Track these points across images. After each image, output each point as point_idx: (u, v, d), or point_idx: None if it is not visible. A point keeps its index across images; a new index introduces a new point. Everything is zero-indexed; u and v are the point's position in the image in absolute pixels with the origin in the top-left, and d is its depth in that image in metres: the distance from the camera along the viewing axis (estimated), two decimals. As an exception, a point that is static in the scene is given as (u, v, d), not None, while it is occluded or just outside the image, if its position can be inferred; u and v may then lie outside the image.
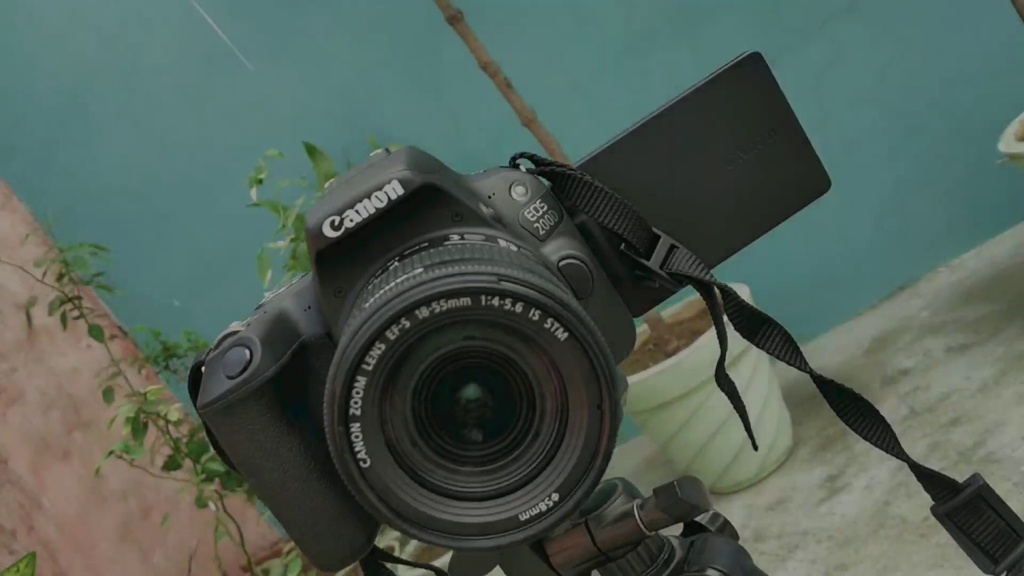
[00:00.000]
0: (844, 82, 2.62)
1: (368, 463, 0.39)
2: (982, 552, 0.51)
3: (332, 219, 0.42)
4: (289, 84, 2.86)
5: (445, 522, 0.40)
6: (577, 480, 0.41)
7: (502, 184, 0.47)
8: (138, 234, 2.96)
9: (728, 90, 0.50)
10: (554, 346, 0.39)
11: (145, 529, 2.82)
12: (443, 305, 0.38)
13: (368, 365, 0.39)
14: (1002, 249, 2.58)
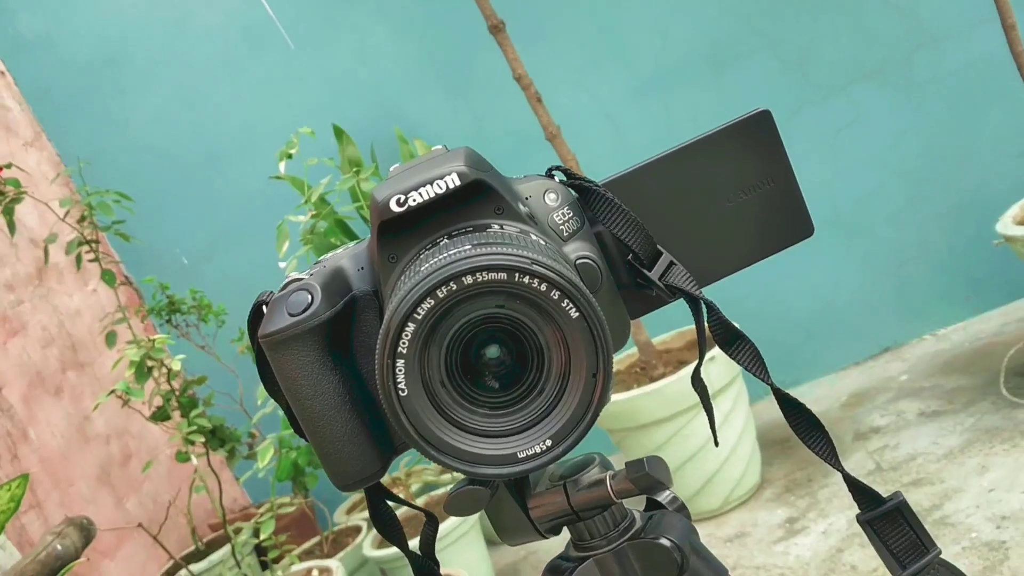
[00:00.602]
0: (859, 143, 2.71)
1: (406, 393, 0.47)
2: (893, 558, 0.59)
3: (398, 197, 0.50)
4: (326, 68, 2.94)
5: (459, 449, 0.48)
6: (568, 432, 0.49)
7: (538, 189, 0.56)
8: (158, 190, 3.03)
9: (737, 139, 0.58)
10: (566, 322, 0.47)
11: (123, 475, 2.88)
12: (484, 276, 0.47)
13: (418, 315, 0.47)
14: (988, 326, 2.66)
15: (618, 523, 0.61)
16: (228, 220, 3.11)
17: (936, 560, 0.59)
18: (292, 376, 0.53)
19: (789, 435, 2.64)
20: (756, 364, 0.58)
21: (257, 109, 3.01)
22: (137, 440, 3.01)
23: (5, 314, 2.72)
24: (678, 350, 2.49)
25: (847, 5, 2.64)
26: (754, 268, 0.61)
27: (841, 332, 2.85)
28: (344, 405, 0.53)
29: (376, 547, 2.47)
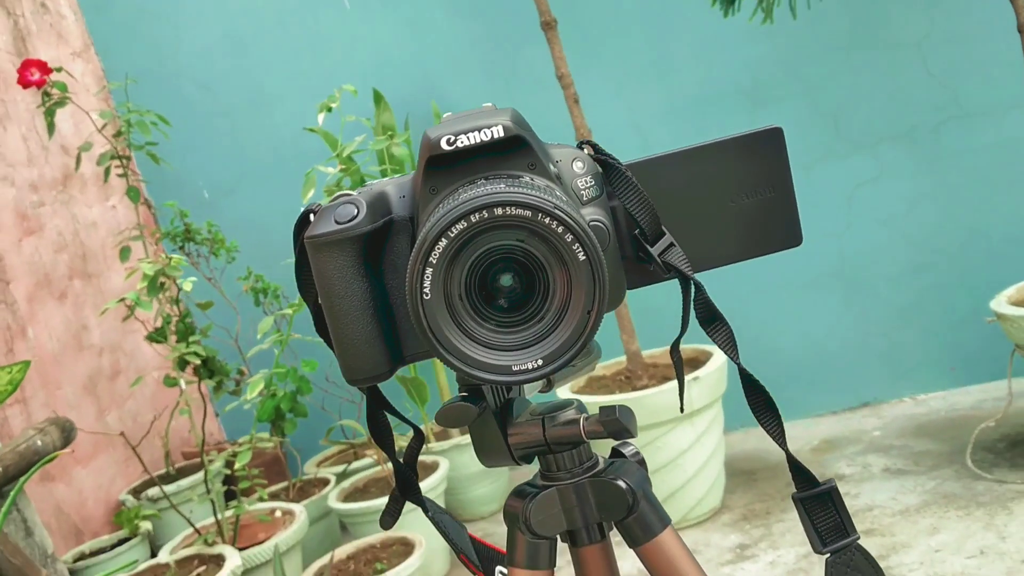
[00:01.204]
0: (876, 201, 2.78)
1: (428, 297, 0.54)
2: (817, 536, 0.66)
3: (449, 137, 0.57)
4: (376, 33, 3.01)
5: (464, 353, 0.55)
6: (558, 356, 0.56)
7: (568, 156, 0.63)
8: (193, 122, 3.10)
9: (749, 148, 0.65)
10: (574, 263, 0.54)
11: (109, 388, 2.95)
12: (513, 211, 0.54)
13: (451, 233, 0.54)
14: (966, 399, 2.73)
15: (583, 461, 0.68)
16: (255, 163, 3.18)
17: (854, 544, 0.66)
18: (328, 276, 0.60)
19: (756, 468, 2.70)
20: (729, 344, 0.65)
21: (302, 62, 3.08)
22: (129, 358, 3.08)
23: (25, 213, 2.79)
24: (665, 366, 2.55)
25: (889, 67, 2.70)
26: (753, 303, 0.67)
27: (825, 379, 2.92)
28: (367, 309, 0.60)
29: (341, 500, 2.54)
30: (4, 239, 2.68)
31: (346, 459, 2.96)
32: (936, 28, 2.65)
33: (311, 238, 0.61)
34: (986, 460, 2.32)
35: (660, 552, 0.67)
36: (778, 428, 0.66)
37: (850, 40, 2.72)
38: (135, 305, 1.88)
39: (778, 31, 2.53)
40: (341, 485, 2.66)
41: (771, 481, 2.55)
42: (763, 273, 2.87)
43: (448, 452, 2.73)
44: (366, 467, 2.80)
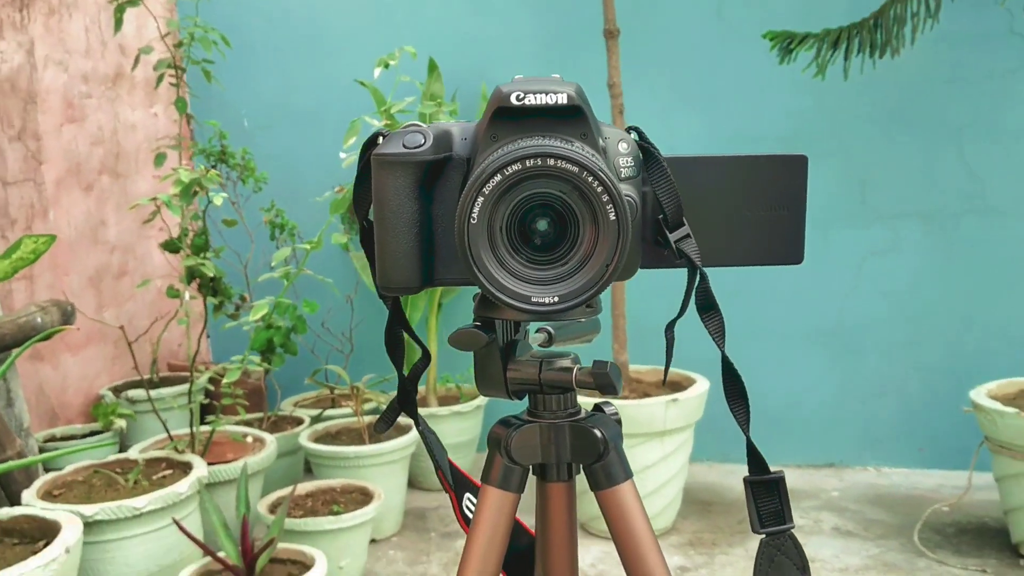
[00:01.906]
0: (884, 272, 2.85)
1: (475, 222, 0.61)
2: (758, 517, 0.73)
3: (518, 94, 0.65)
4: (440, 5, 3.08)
5: (492, 276, 0.62)
6: (572, 298, 0.63)
7: (616, 136, 0.69)
8: (249, 50, 3.17)
9: (774, 167, 0.72)
10: (604, 220, 0.61)
11: (112, 287, 3.02)
12: (562, 164, 0.61)
13: (506, 171, 0.61)
14: (927, 481, 2.80)
15: (568, 407, 0.75)
16: (299, 104, 3.25)
17: (788, 532, 0.73)
18: (385, 191, 0.67)
19: (713, 501, 2.76)
20: (719, 333, 0.71)
21: (366, 19, 3.15)
22: (138, 262, 3.15)
23: (72, 101, 2.85)
24: (647, 383, 2.62)
25: (926, 146, 2.77)
26: (747, 346, 0.74)
27: (797, 433, 2.98)
28: (413, 228, 0.67)
29: (311, 440, 2.60)
30: (47, 121, 2.74)
31: (324, 405, 3.03)
32: (980, 119, 2.72)
33: (379, 155, 0.68)
34: (932, 540, 2.39)
35: (618, 500, 0.74)
36: (745, 416, 0.73)
37: (894, 113, 2.79)
38: (165, 206, 1.94)
39: (827, 89, 2.60)
40: (314, 427, 2.72)
41: (724, 516, 2.62)
42: (763, 318, 2.94)
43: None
44: (341, 416, 2.87)
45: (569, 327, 0.79)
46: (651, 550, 0.73)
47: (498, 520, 0.73)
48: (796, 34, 2.31)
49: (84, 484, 2.10)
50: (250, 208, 2.84)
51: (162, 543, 1.98)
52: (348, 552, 2.18)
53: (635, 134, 0.71)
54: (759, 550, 0.74)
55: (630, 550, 0.73)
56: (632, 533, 0.73)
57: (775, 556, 0.73)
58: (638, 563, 0.73)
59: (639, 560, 0.73)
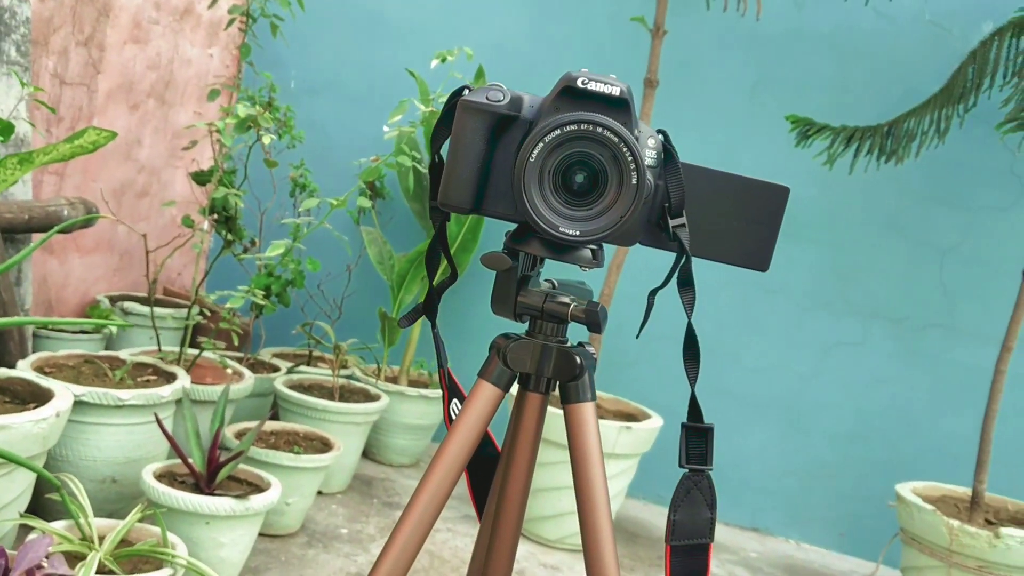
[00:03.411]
0: (847, 363, 3.03)
1: (532, 160, 0.78)
2: (685, 457, 0.89)
3: (584, 79, 0.82)
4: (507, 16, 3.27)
5: (535, 204, 0.79)
6: (591, 234, 0.80)
7: (647, 132, 0.87)
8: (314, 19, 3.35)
9: (759, 190, 0.89)
10: (628, 182, 0.79)
11: (133, 203, 3.17)
12: (605, 133, 0.78)
13: (565, 129, 0.78)
14: (840, 564, 2.97)
15: (559, 335, 0.92)
16: (347, 79, 3.42)
17: (706, 473, 0.89)
18: (464, 129, 0.84)
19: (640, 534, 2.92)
20: (690, 305, 0.88)
21: (429, 14, 3.34)
22: (161, 186, 3.30)
23: (140, 23, 3.02)
24: (605, 410, 2.79)
25: (911, 258, 2.97)
26: (706, 397, 0.91)
27: (731, 493, 3.15)
28: (476, 163, 0.84)
29: (286, 386, 2.75)
30: (113, 36, 2.91)
31: (301, 361, 3.18)
32: (964, 245, 2.92)
33: (465, 101, 0.85)
34: (832, 613, 2.55)
35: (579, 416, 0.90)
36: (694, 375, 0.90)
37: (890, 221, 2.99)
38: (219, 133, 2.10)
39: (832, 185, 2.79)
40: (289, 376, 2.87)
41: (648, 549, 2.77)
42: (727, 379, 3.12)
43: (392, 395, 2.95)
44: (316, 373, 3.01)
45: (568, 287, 0.95)
46: (596, 461, 0.89)
47: (484, 408, 0.90)
48: (816, 123, 2.50)
49: (74, 369, 2.24)
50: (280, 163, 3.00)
51: (134, 438, 2.12)
52: (298, 492, 2.32)
53: (662, 136, 0.88)
54: (680, 482, 0.90)
55: (580, 457, 0.89)
56: (585, 443, 0.89)
57: (691, 489, 0.89)
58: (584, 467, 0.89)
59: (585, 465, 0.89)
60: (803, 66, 3.05)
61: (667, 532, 0.89)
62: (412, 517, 0.87)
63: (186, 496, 1.89)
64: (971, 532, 2.27)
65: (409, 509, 0.88)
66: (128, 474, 2.11)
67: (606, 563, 0.87)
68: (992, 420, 2.43)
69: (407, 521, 0.87)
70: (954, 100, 2.40)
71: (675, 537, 0.88)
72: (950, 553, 2.30)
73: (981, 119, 2.61)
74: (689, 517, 0.89)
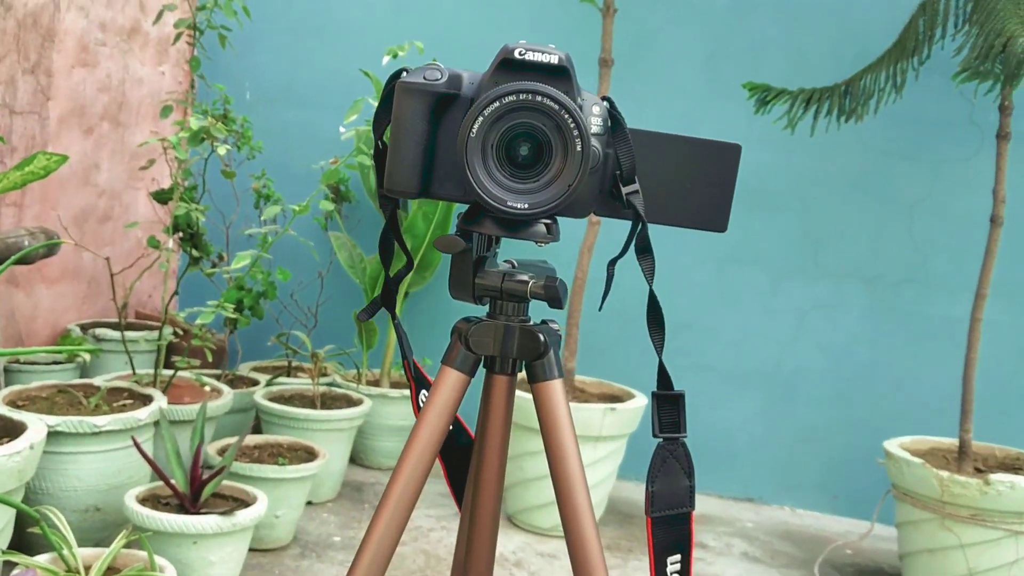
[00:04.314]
0: (823, 327, 3.04)
1: (473, 135, 0.76)
2: (659, 425, 0.88)
3: (520, 49, 0.80)
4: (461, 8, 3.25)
5: (480, 179, 0.77)
6: (539, 205, 0.78)
7: (591, 100, 0.85)
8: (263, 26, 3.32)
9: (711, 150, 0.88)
10: (572, 151, 0.77)
11: (96, 229, 3.13)
12: (546, 100, 0.76)
13: (504, 100, 0.76)
14: (836, 526, 2.97)
15: (520, 315, 0.90)
16: (302, 85, 3.39)
17: (681, 440, 0.88)
18: (403, 112, 0.82)
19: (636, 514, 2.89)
20: (650, 273, 0.87)
21: (378, 13, 3.31)
22: (123, 209, 3.26)
23: (87, 46, 2.98)
24: (590, 393, 2.78)
25: (880, 216, 2.98)
26: (691, 378, 0.89)
27: (723, 466, 3.15)
28: (419, 145, 0.82)
29: (266, 399, 2.72)
30: (60, 61, 2.86)
31: (280, 373, 3.15)
32: (932, 197, 2.93)
33: (403, 82, 0.84)
34: (830, 575, 2.55)
35: (548, 394, 0.88)
36: (660, 342, 0.88)
37: (856, 181, 2.99)
38: (172, 148, 2.07)
39: (794, 149, 2.79)
40: (269, 388, 2.85)
41: (643, 529, 2.76)
42: (707, 355, 3.11)
43: (375, 398, 2.93)
44: (296, 383, 2.99)
45: (528, 266, 0.94)
46: (569, 439, 0.87)
47: (451, 396, 0.88)
48: (773, 88, 2.50)
49: (47, 400, 2.21)
50: (241, 174, 2.96)
51: (114, 464, 2.09)
52: (286, 503, 2.30)
53: (607, 103, 0.87)
54: (655, 452, 0.89)
55: (553, 436, 0.88)
56: (556, 421, 0.88)
57: (667, 459, 0.88)
58: (557, 447, 0.87)
59: (559, 445, 0.87)
60: (756, 34, 3.05)
61: (646, 504, 0.88)
62: (384, 514, 0.85)
63: (171, 517, 1.86)
64: (961, 482, 2.28)
65: (381, 506, 0.86)
66: (111, 501, 2.08)
67: (588, 541, 0.86)
68: (972, 368, 2.43)
69: (380, 518, 0.85)
70: (908, 54, 2.40)
71: (655, 508, 0.87)
72: (942, 504, 2.31)
73: (936, 71, 2.61)
74: (667, 487, 0.88)
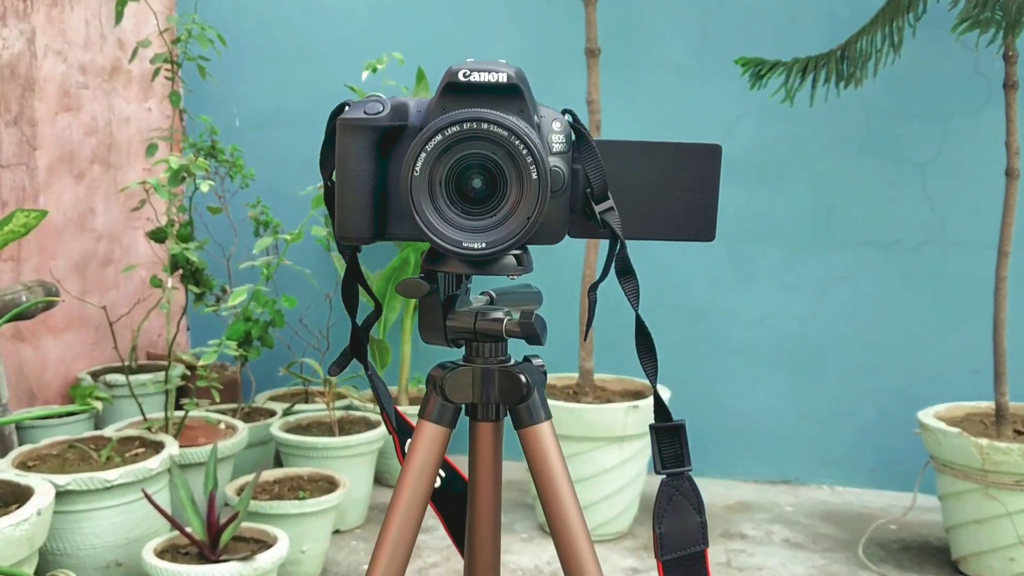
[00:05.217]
0: (845, 298, 2.95)
1: (417, 174, 0.70)
2: (660, 459, 0.81)
3: (465, 71, 0.74)
4: (436, 18, 3.18)
5: (430, 221, 0.71)
6: (498, 244, 0.71)
7: (550, 115, 0.78)
8: (245, 52, 3.27)
9: (691, 153, 0.81)
10: (528, 180, 0.70)
11: (97, 274, 3.09)
12: (494, 128, 0.70)
13: (447, 132, 0.70)
14: (877, 500, 2.89)
15: (499, 355, 0.84)
16: (290, 107, 3.34)
17: (687, 473, 0.82)
18: (346, 152, 0.76)
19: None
20: (634, 296, 0.80)
21: (360, 26, 3.25)
22: (123, 251, 3.22)
23: (69, 90, 2.94)
24: (612, 392, 2.71)
25: (892, 178, 2.88)
26: (714, 362, 0.83)
27: (756, 449, 3.07)
28: (368, 185, 0.76)
29: (282, 431, 2.68)
30: (43, 109, 2.82)
31: (297, 400, 3.10)
32: (943, 155, 2.84)
33: (343, 120, 0.77)
34: (877, 555, 2.48)
35: (537, 437, 0.82)
36: (653, 371, 0.82)
37: (863, 145, 2.90)
38: (155, 191, 2.02)
39: (797, 119, 2.70)
40: (286, 418, 2.80)
41: (679, 523, 2.69)
42: (729, 337, 3.04)
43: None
44: (313, 410, 2.94)
45: (510, 295, 0.87)
46: (564, 485, 0.81)
47: (431, 451, 0.82)
48: (767, 61, 2.42)
49: (58, 458, 2.17)
50: (236, 204, 2.92)
51: (130, 517, 2.05)
52: (310, 537, 2.25)
53: (569, 116, 0.80)
54: (659, 490, 0.83)
55: (546, 483, 0.82)
56: (548, 468, 0.82)
57: (673, 495, 0.81)
58: (552, 495, 0.81)
59: (553, 493, 0.81)
60: (746, 4, 2.96)
61: (655, 547, 0.81)
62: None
63: (190, 569, 1.81)
64: (1002, 448, 2.19)
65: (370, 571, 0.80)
66: (132, 555, 2.04)
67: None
68: (1002, 329, 2.34)
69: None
70: (903, 10, 2.32)
71: (665, 551, 0.81)
72: (984, 473, 2.23)
73: (935, 23, 2.51)
74: (677, 526, 0.81)
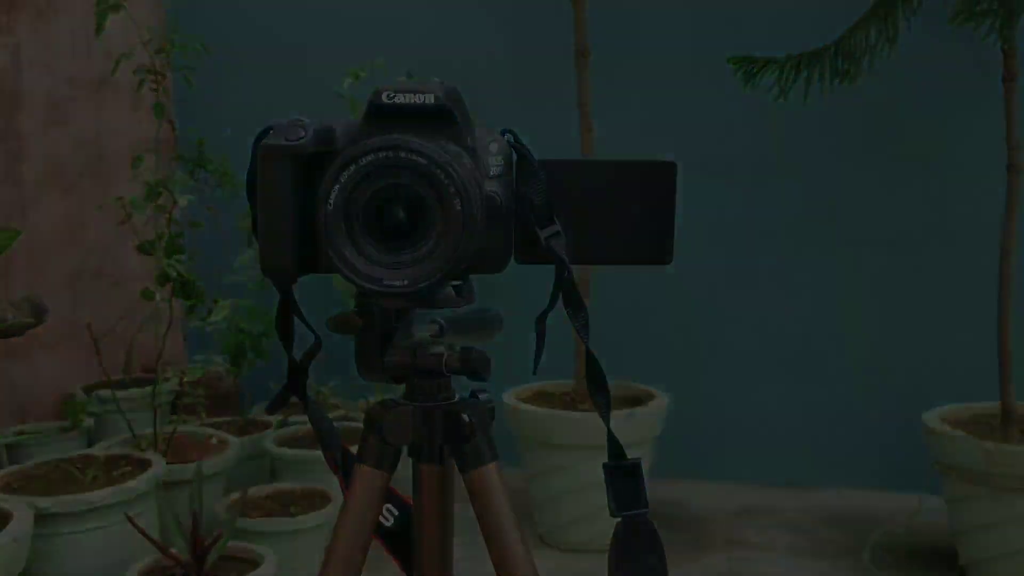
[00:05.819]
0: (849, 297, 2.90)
1: (331, 208, 0.66)
2: (615, 501, 0.77)
3: (389, 93, 0.69)
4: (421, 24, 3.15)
5: (346, 258, 0.67)
6: (421, 279, 0.67)
7: (487, 137, 0.74)
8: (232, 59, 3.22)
9: (644, 172, 0.76)
10: (451, 212, 0.66)
11: (89, 287, 3.06)
12: (414, 157, 0.66)
13: (362, 161, 0.65)
14: (883, 504, 2.83)
15: (441, 392, 0.79)
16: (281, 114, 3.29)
17: (644, 515, 0.77)
18: (268, 181, 0.72)
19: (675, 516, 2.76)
20: (583, 329, 0.76)
21: (347, 34, 3.21)
22: (115, 264, 3.19)
23: (57, 104, 2.91)
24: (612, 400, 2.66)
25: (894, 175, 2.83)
26: (721, 364, 0.78)
27: (760, 451, 3.02)
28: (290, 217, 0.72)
29: (277, 444, 2.64)
30: (30, 122, 2.80)
31: (295, 411, 3.06)
32: (943, 149, 2.77)
33: (263, 147, 0.73)
34: (883, 560, 2.42)
35: (483, 480, 0.77)
36: (605, 406, 0.77)
37: (863, 139, 2.84)
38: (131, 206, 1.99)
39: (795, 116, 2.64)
40: (281, 431, 2.76)
41: (684, 532, 2.64)
42: (732, 340, 2.99)
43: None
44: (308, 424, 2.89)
45: (462, 322, 0.82)
46: (511, 529, 0.76)
47: (370, 497, 0.78)
48: (759, 59, 2.36)
49: (44, 479, 2.13)
50: (229, 214, 2.88)
51: (115, 538, 2.01)
52: (304, 554, 2.21)
53: (510, 136, 0.76)
54: (614, 535, 0.78)
55: (491, 528, 0.77)
56: (494, 512, 0.77)
57: (630, 540, 0.77)
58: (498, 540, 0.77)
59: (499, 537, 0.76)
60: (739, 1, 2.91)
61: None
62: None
63: (173, 592, 1.78)
64: (1008, 451, 2.14)
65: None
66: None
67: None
68: (1007, 331, 2.29)
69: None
70: (897, 2, 2.26)
71: (622, 602, 0.76)
72: (991, 477, 2.17)
73: (931, 15, 2.45)
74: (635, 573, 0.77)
